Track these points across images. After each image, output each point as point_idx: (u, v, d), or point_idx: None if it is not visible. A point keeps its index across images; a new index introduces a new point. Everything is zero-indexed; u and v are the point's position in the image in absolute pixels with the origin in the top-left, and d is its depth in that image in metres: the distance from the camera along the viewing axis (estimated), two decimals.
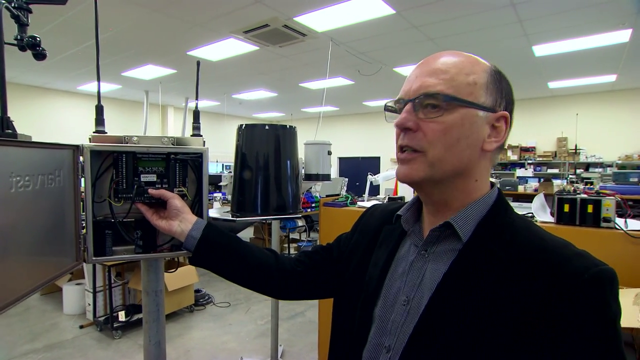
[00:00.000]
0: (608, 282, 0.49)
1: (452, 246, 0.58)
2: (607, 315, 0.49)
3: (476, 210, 0.58)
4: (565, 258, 0.51)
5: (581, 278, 0.49)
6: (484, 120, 0.56)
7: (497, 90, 0.57)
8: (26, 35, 0.77)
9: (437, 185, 0.58)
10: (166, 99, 9.20)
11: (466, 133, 0.55)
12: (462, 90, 0.55)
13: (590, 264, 0.50)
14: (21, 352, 2.98)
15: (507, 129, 0.58)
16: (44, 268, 0.67)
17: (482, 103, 0.56)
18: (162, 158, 0.85)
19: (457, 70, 0.56)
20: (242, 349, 3.12)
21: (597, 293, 0.49)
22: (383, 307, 0.62)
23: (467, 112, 0.55)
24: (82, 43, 5.25)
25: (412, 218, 0.67)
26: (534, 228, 0.58)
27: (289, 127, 1.00)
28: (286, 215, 0.96)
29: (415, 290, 0.59)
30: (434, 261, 0.59)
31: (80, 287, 3.77)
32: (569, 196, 1.74)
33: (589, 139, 8.04)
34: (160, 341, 0.98)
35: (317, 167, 2.37)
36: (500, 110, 0.57)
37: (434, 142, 0.55)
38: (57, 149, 0.71)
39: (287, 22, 4.36)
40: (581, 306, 0.48)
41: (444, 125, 0.55)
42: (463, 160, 0.56)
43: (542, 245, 0.54)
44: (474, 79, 0.56)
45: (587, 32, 4.57)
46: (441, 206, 0.60)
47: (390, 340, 0.59)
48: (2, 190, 0.51)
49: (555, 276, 0.50)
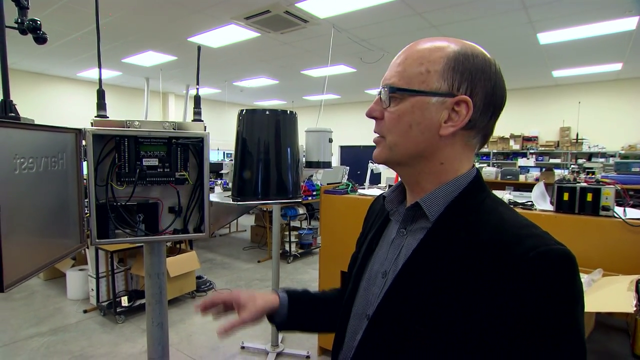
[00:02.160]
0: (558, 261, 0.49)
1: (424, 225, 0.61)
2: (555, 295, 0.48)
3: (445, 191, 0.60)
4: (518, 237, 0.52)
5: (526, 256, 0.48)
6: (440, 105, 0.57)
7: (457, 73, 0.57)
8: (27, 18, 0.77)
9: (400, 166, 0.63)
10: (167, 86, 9.14)
11: (417, 120, 0.58)
12: (413, 79, 0.58)
13: (541, 243, 0.50)
14: (27, 335, 3.04)
15: (468, 113, 0.57)
16: (49, 249, 0.68)
17: (434, 90, 0.57)
18: (164, 142, 0.86)
19: (411, 61, 0.59)
20: (243, 334, 3.17)
21: (544, 271, 0.48)
22: (367, 281, 0.68)
23: (417, 100, 0.58)
24: (81, 29, 5.20)
25: (397, 199, 0.70)
26: (500, 209, 0.59)
27: (289, 112, 1.01)
28: (286, 199, 0.97)
29: (392, 264, 0.64)
30: (410, 238, 0.63)
31: (84, 273, 3.82)
32: (569, 185, 1.75)
33: (593, 128, 7.99)
34: (162, 323, 1.00)
35: (318, 154, 2.37)
36: (460, 94, 0.56)
37: (390, 129, 0.60)
38: (60, 132, 0.71)
39: (289, 8, 4.31)
40: (527, 286, 0.48)
41: (396, 114, 0.59)
42: (419, 144, 0.59)
43: (500, 225, 0.55)
44: (427, 67, 0.57)
45: (592, 20, 4.50)
46: (414, 186, 0.64)
47: (370, 309, 0.64)
48: (6, 171, 0.52)
49: (505, 256, 0.50)
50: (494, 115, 0.60)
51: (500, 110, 0.61)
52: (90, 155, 0.78)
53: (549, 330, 0.48)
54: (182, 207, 0.91)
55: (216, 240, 6.47)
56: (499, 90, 0.59)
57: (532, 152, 8.51)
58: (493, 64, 0.59)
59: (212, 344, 3.01)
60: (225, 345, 2.99)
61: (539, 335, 0.48)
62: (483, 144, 0.63)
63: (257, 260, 5.26)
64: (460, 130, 0.58)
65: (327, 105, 11.51)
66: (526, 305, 0.48)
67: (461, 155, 0.61)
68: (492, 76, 0.58)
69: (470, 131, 0.59)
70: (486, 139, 0.63)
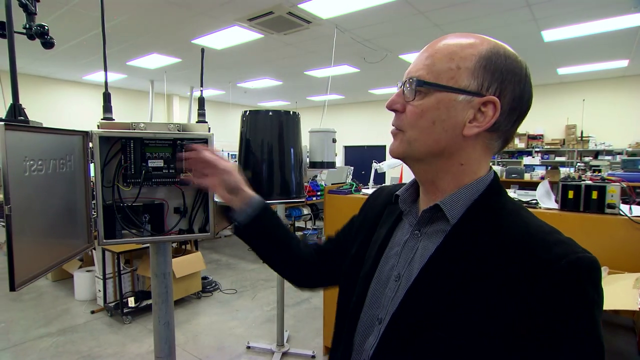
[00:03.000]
0: (585, 269, 0.49)
1: (442, 227, 0.60)
2: (583, 303, 0.49)
3: (466, 194, 0.59)
4: (546, 244, 0.52)
5: (558, 264, 0.49)
6: (466, 104, 0.56)
7: (488, 73, 0.55)
8: (34, 24, 0.79)
9: (418, 162, 0.61)
10: (171, 88, 9.20)
11: (442, 117, 0.56)
12: (442, 75, 0.56)
13: (570, 251, 0.50)
14: (36, 335, 3.08)
15: (495, 115, 0.55)
16: (58, 249, 0.70)
17: (463, 87, 0.55)
18: (169, 144, 0.87)
19: (441, 56, 0.57)
20: (249, 334, 3.19)
21: (574, 280, 0.48)
22: (377, 283, 0.66)
23: (443, 96, 0.56)
24: (86, 33, 5.25)
25: (410, 198, 0.69)
26: (522, 213, 0.58)
27: (292, 113, 1.02)
28: (289, 199, 0.98)
29: (406, 267, 0.62)
30: (425, 240, 0.61)
31: (91, 274, 3.86)
32: (574, 182, 1.74)
33: (599, 126, 7.92)
34: (169, 322, 1.02)
35: (322, 154, 2.38)
36: (489, 94, 0.55)
37: (412, 123, 0.58)
38: (67, 135, 0.73)
39: (292, 9, 4.32)
40: (557, 292, 0.48)
41: (420, 108, 0.57)
42: (440, 142, 0.57)
43: (525, 230, 0.54)
44: (458, 63, 0.56)
45: (597, 16, 4.47)
46: (430, 186, 0.62)
47: (382, 312, 0.62)
48: (17, 173, 0.54)
49: (534, 262, 0.50)
50: (518, 120, 0.59)
51: (524, 116, 0.60)
52: (97, 157, 0.80)
53: (578, 334, 0.48)
54: (187, 207, 0.93)
55: (221, 242, 6.51)
56: (526, 95, 0.58)
57: (538, 150, 8.45)
58: (524, 67, 0.59)
59: (218, 344, 3.02)
60: (230, 345, 3.01)
61: (566, 338, 0.48)
62: (502, 148, 0.62)
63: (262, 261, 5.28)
64: (484, 132, 0.57)
65: (331, 106, 11.51)
66: (556, 311, 0.48)
67: (480, 158, 0.60)
68: (522, 79, 0.58)
69: (493, 134, 0.58)
70: (506, 144, 0.62)
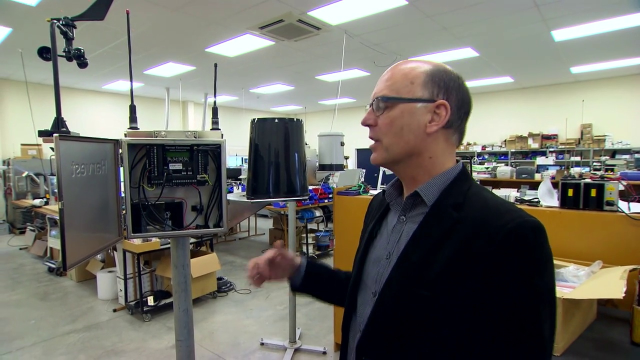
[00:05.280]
0: (530, 230, 0.60)
1: (422, 210, 0.72)
2: (530, 260, 0.60)
3: (439, 181, 0.72)
4: (499, 213, 0.63)
5: (507, 227, 0.60)
6: (424, 109, 0.70)
7: (434, 84, 0.70)
8: (72, 47, 0.91)
9: (397, 164, 0.75)
10: (186, 94, 9.47)
11: (407, 122, 0.70)
12: (402, 90, 0.71)
13: (517, 216, 0.61)
14: (64, 332, 3.26)
15: (447, 114, 0.70)
16: (96, 240, 0.82)
17: (419, 97, 0.70)
18: (187, 149, 0.99)
19: (397, 77, 0.72)
20: (263, 331, 3.30)
21: (521, 239, 0.60)
22: (372, 264, 0.79)
23: (405, 106, 0.70)
24: (106, 44, 5.50)
25: (395, 192, 0.82)
26: (484, 194, 0.70)
27: (296, 120, 1.12)
28: (295, 197, 1.08)
29: (394, 246, 0.74)
30: (410, 223, 0.74)
31: (112, 275, 4.05)
32: (573, 181, 1.79)
33: (616, 124, 7.79)
34: (187, 309, 1.13)
35: (330, 157, 2.49)
36: (439, 99, 0.70)
37: (385, 132, 0.72)
38: (102, 143, 0.85)
39: (301, 16, 4.45)
40: (507, 251, 0.59)
41: (389, 119, 0.71)
42: (410, 142, 0.71)
43: (484, 205, 0.67)
44: (412, 80, 0.71)
45: (607, 15, 4.45)
46: (410, 180, 0.75)
47: (377, 287, 0.75)
48: (67, 175, 0.66)
49: (489, 228, 0.62)
50: (465, 117, 0.74)
51: (469, 114, 0.74)
52: (125, 162, 0.92)
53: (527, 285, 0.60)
54: (203, 205, 1.04)
55: (236, 244, 6.66)
56: (467, 97, 0.73)
57: (552, 150, 8.35)
58: (459, 78, 0.74)
59: (233, 341, 3.14)
60: (245, 341, 3.12)
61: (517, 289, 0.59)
62: (460, 141, 0.76)
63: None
64: (442, 129, 0.71)
65: (343, 109, 11.61)
66: (508, 266, 0.59)
67: (444, 150, 0.73)
68: (460, 86, 0.73)
69: (449, 129, 0.72)
70: (462, 138, 0.76)
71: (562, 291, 1.26)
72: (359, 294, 0.81)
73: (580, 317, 1.33)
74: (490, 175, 6.34)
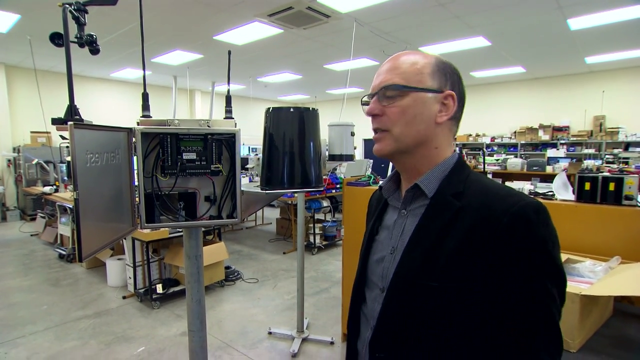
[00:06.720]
0: (533, 211, 0.61)
1: (423, 202, 0.72)
2: (536, 241, 0.60)
3: (438, 171, 0.72)
4: (500, 197, 0.64)
5: (510, 210, 0.61)
6: (433, 99, 0.70)
7: (442, 75, 0.70)
8: (84, 33, 0.89)
9: (403, 154, 0.73)
10: (193, 83, 9.44)
11: (419, 110, 0.69)
12: (411, 79, 0.69)
13: (519, 199, 0.62)
14: (75, 317, 3.32)
15: (455, 105, 0.70)
16: (110, 230, 0.80)
17: (429, 87, 0.69)
18: (201, 139, 0.97)
19: (407, 65, 0.71)
20: (270, 320, 3.32)
21: (525, 220, 0.60)
22: (377, 261, 0.78)
23: (417, 95, 0.69)
24: (114, 31, 5.47)
25: (392, 187, 0.81)
26: (483, 180, 0.70)
27: (312, 109, 1.09)
28: (310, 188, 1.06)
29: (398, 241, 0.74)
30: (412, 217, 0.73)
31: (122, 262, 4.09)
32: (591, 174, 1.75)
33: (630, 116, 7.62)
34: (200, 299, 1.13)
35: (340, 147, 2.45)
36: (447, 90, 0.70)
37: (396, 121, 0.70)
38: (115, 132, 0.83)
39: (311, 3, 4.38)
40: (513, 233, 0.60)
41: (401, 107, 0.70)
42: (420, 132, 0.70)
43: (485, 190, 0.67)
44: (421, 70, 0.70)
45: (625, 3, 4.31)
46: (412, 172, 0.74)
47: (384, 283, 0.74)
48: (82, 164, 0.64)
49: (492, 212, 0.62)
50: (463, 109, 0.75)
51: (464, 106, 0.75)
52: (139, 151, 0.90)
53: (536, 267, 0.60)
54: (217, 196, 1.02)
55: (243, 233, 6.69)
56: (464, 90, 0.75)
57: (563, 142, 8.21)
58: (458, 70, 0.75)
59: (241, 329, 3.17)
60: (253, 330, 3.15)
61: (526, 271, 0.60)
62: (457, 130, 0.76)
63: (283, 252, 5.41)
64: (448, 120, 0.71)
65: (351, 99, 11.48)
66: (513, 249, 0.60)
67: (448, 141, 0.73)
68: (460, 79, 0.74)
69: (453, 120, 0.73)
70: (458, 127, 0.76)
71: (579, 287, 1.23)
72: (366, 290, 0.81)
73: (597, 314, 1.30)
74: (501, 167, 6.26)
